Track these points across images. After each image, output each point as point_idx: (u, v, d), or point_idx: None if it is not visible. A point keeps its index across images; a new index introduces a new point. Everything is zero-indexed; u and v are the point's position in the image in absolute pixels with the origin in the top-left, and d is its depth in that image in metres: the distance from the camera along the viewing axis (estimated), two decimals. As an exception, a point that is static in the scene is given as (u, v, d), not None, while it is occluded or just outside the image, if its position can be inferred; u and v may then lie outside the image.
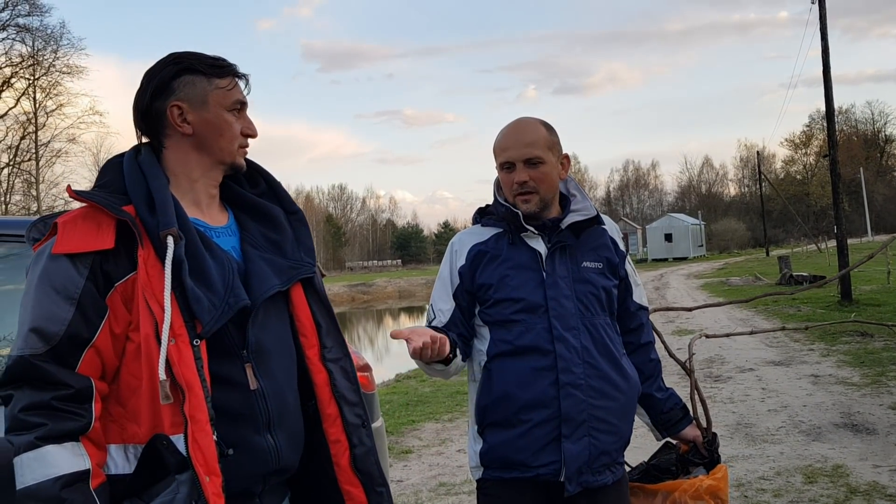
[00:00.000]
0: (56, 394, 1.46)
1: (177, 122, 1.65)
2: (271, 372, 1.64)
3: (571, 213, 2.25)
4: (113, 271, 1.52)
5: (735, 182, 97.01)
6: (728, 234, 71.48)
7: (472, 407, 2.27)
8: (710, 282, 28.53)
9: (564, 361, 2.12)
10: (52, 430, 1.45)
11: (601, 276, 2.25)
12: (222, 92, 1.68)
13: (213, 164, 1.69)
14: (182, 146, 1.67)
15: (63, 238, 1.52)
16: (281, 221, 1.76)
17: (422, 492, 5.33)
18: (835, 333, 11.65)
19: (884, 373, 8.38)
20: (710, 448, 2.43)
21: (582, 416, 2.12)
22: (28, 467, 1.44)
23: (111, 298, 1.52)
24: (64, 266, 1.51)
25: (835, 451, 5.64)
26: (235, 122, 1.70)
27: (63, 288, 1.50)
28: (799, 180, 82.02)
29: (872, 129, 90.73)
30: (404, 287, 50.21)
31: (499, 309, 2.19)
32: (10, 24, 37.03)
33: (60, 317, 1.48)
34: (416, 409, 8.28)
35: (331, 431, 1.71)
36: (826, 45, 17.05)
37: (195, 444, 1.46)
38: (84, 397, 1.49)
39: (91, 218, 1.54)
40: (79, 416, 1.48)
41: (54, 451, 1.45)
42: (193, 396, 1.47)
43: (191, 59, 1.68)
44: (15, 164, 38.22)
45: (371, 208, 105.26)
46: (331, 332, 1.77)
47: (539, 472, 2.13)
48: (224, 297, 1.56)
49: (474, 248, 2.25)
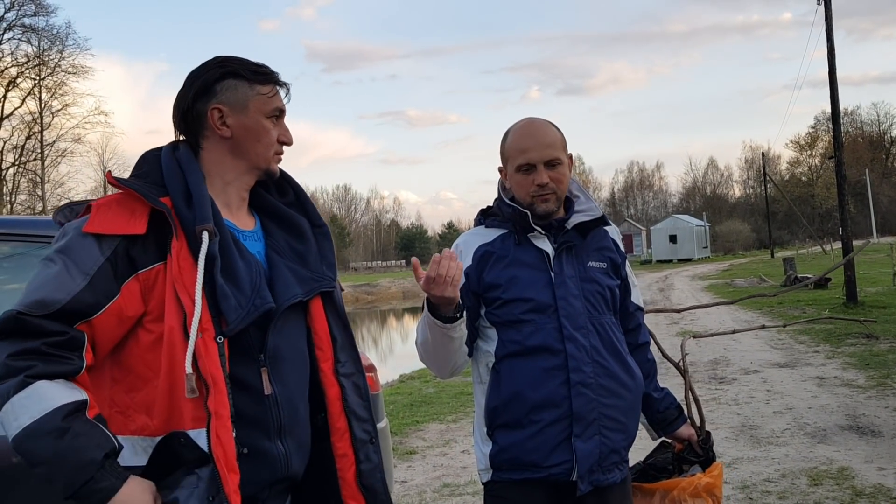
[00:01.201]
0: (46, 340, 1.46)
1: (216, 125, 1.68)
2: (285, 379, 1.65)
3: (576, 214, 2.26)
4: (139, 258, 1.54)
5: (740, 183, 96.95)
6: (733, 236, 71.43)
7: (479, 409, 2.25)
8: (714, 283, 28.48)
9: (575, 361, 2.13)
10: (43, 370, 1.45)
11: (606, 275, 2.27)
12: (263, 98, 1.71)
13: (248, 168, 1.72)
14: (219, 148, 1.70)
15: (96, 219, 1.55)
16: (306, 233, 1.79)
17: (426, 492, 5.32)
18: (840, 335, 11.62)
19: (889, 375, 8.35)
20: (705, 446, 2.47)
21: (592, 415, 2.13)
22: (21, 407, 1.42)
23: (128, 285, 1.53)
24: (88, 244, 1.52)
25: (840, 453, 5.62)
26: (273, 128, 1.72)
27: (81, 262, 1.51)
28: (804, 182, 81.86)
29: (878, 131, 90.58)
30: (408, 288, 50.20)
31: (508, 309, 2.18)
32: (16, 25, 37.25)
33: (69, 286, 1.48)
34: (420, 409, 8.27)
35: (339, 445, 1.72)
36: (832, 47, 17.01)
37: (217, 439, 1.47)
38: (75, 344, 1.49)
39: (125, 204, 1.57)
40: (69, 360, 1.48)
41: (47, 385, 1.44)
42: (218, 392, 1.48)
43: (235, 64, 1.70)
44: (20, 163, 38.38)
45: (375, 209, 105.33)
46: (346, 348, 1.79)
47: (551, 472, 2.12)
48: (251, 298, 1.58)
49: (480, 249, 2.24)
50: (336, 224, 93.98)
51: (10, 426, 1.43)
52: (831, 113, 17.58)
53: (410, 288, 49.38)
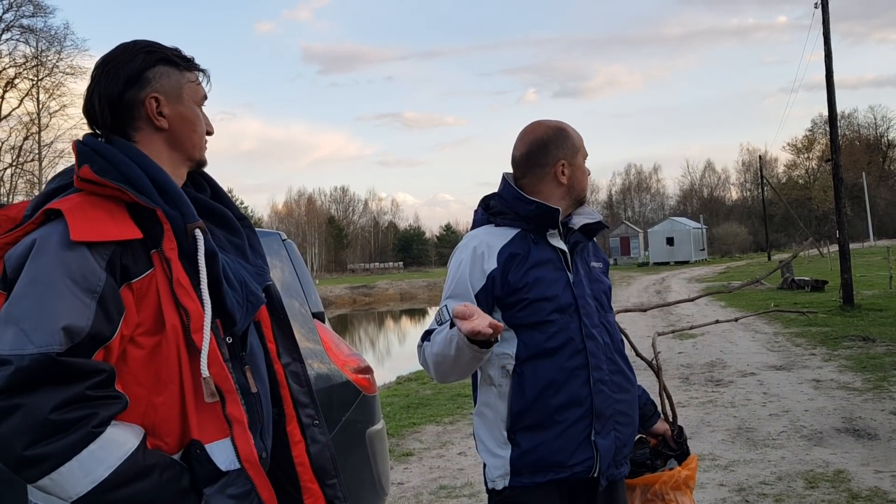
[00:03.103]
0: (89, 382, 1.32)
1: (154, 115, 1.57)
2: (261, 376, 1.62)
3: (578, 216, 2.30)
4: (132, 266, 1.42)
5: (737, 186, 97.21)
6: (730, 238, 71.42)
7: (495, 413, 2.18)
8: (711, 285, 28.49)
9: (595, 359, 2.16)
10: (104, 417, 1.32)
11: (605, 276, 2.37)
12: (193, 86, 1.63)
13: (184, 160, 1.63)
14: (154, 140, 1.58)
15: (78, 225, 1.38)
16: (237, 226, 1.70)
17: (422, 494, 5.32)
18: (836, 338, 11.64)
19: (886, 378, 8.36)
20: (679, 440, 2.58)
21: (609, 412, 2.17)
22: (95, 460, 1.30)
23: (124, 295, 1.41)
24: (81, 255, 1.37)
25: (836, 456, 5.62)
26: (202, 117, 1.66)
27: (83, 279, 1.36)
28: (801, 184, 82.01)
29: (875, 134, 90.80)
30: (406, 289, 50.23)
31: (531, 310, 2.14)
32: (14, 25, 37.20)
33: (85, 313, 1.34)
34: (417, 411, 8.27)
35: (294, 433, 1.70)
36: (829, 50, 17.02)
37: (245, 446, 1.44)
38: (113, 379, 1.37)
39: (99, 206, 1.43)
40: (116, 398, 1.36)
41: (115, 431, 1.34)
42: (231, 398, 1.44)
43: (164, 50, 1.61)
44: (18, 164, 38.31)
45: (373, 210, 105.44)
46: (280, 337, 1.74)
47: (574, 471, 2.13)
48: (243, 294, 1.54)
49: (505, 250, 2.18)
50: (334, 225, 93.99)
51: (78, 485, 1.30)
52: (828, 116, 17.60)
53: (408, 290, 49.40)
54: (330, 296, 45.60)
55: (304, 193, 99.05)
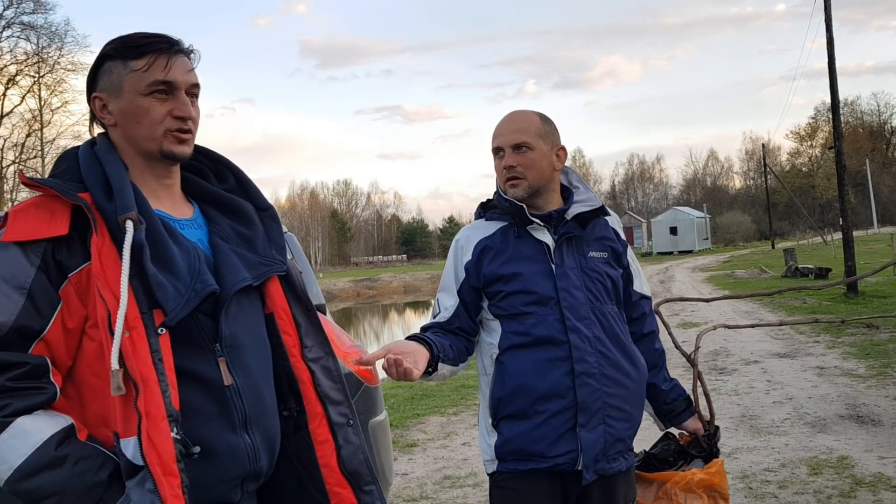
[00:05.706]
0: (9, 374, 1.38)
1: (100, 115, 1.58)
2: (247, 368, 1.57)
3: (575, 205, 2.28)
4: (66, 261, 1.44)
5: (740, 175, 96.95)
6: (733, 227, 71.39)
7: (484, 400, 2.26)
8: (715, 275, 28.49)
9: (579, 351, 2.15)
10: (19, 407, 1.37)
11: (607, 265, 2.30)
12: (136, 75, 1.54)
13: (139, 153, 1.58)
14: (116, 137, 1.59)
15: (13, 226, 1.44)
16: (252, 217, 1.69)
17: (427, 485, 5.34)
18: (840, 325, 11.62)
19: (889, 364, 8.36)
20: (710, 442, 2.45)
21: (597, 405, 2.16)
22: (8, 448, 1.35)
23: (65, 290, 1.44)
24: (13, 254, 1.42)
25: (840, 442, 5.63)
26: (157, 105, 1.55)
27: (12, 277, 1.41)
28: (804, 172, 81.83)
29: (878, 121, 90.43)
30: (409, 282, 50.23)
31: (510, 302, 2.20)
32: (14, 22, 37.18)
33: (8, 307, 1.39)
34: (420, 402, 8.29)
35: (318, 431, 1.65)
36: (831, 37, 16.95)
37: (149, 441, 1.37)
38: (41, 371, 1.41)
39: (44, 206, 1.46)
40: (41, 389, 1.41)
41: (29, 421, 1.38)
42: (148, 391, 1.38)
43: (112, 44, 1.57)
44: (20, 161, 38.35)
45: (376, 203, 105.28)
46: (310, 331, 1.70)
47: (556, 462, 2.15)
48: (190, 284, 1.48)
49: (480, 244, 2.26)
50: (337, 219, 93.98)
51: (1, 471, 1.36)
52: (831, 103, 17.55)
53: (412, 282, 49.39)
54: (334, 289, 45.60)
55: (306, 187, 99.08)
